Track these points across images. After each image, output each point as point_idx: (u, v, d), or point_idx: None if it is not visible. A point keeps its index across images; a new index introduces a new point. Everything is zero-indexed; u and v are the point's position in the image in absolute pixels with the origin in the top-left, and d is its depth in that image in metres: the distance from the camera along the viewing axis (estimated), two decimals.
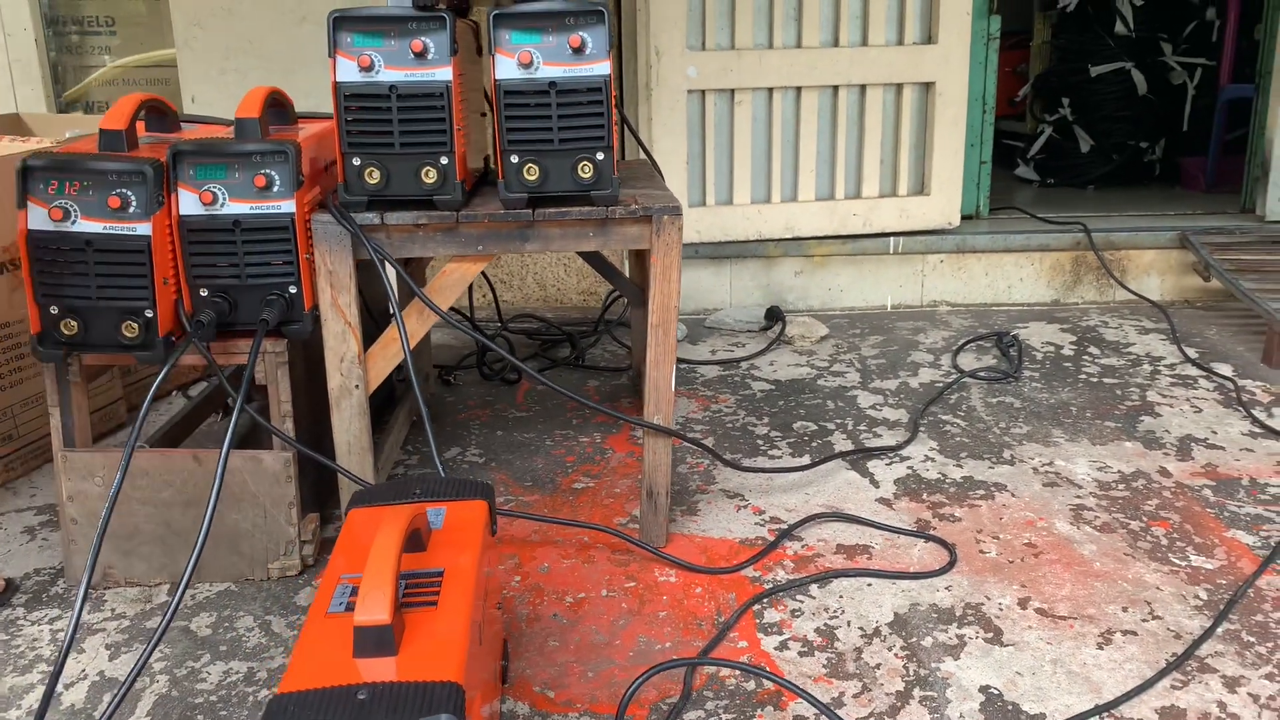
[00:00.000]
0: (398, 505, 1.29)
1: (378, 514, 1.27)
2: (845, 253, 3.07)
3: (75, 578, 1.69)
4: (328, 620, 1.09)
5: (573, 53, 1.55)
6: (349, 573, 1.16)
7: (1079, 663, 1.45)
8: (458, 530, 1.25)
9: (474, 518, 1.28)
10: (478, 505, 1.31)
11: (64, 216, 1.47)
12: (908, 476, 2.03)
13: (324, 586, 1.14)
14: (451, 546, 1.22)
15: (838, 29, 2.95)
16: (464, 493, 1.33)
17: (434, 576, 1.16)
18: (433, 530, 1.25)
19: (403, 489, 1.34)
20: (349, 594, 1.12)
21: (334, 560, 1.20)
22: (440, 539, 1.23)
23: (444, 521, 1.27)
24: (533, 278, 3.18)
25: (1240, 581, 1.63)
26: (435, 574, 1.16)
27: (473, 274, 1.67)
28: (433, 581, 1.15)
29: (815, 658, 1.47)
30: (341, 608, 1.11)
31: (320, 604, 1.12)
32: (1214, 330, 2.88)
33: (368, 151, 1.57)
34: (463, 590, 1.14)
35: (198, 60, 2.90)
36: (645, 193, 1.74)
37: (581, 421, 2.33)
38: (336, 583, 1.15)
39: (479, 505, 1.31)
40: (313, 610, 1.11)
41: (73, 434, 1.64)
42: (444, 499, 1.31)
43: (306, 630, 1.08)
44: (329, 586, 1.14)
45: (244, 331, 1.62)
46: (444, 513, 1.29)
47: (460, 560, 1.19)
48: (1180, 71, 4.31)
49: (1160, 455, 2.09)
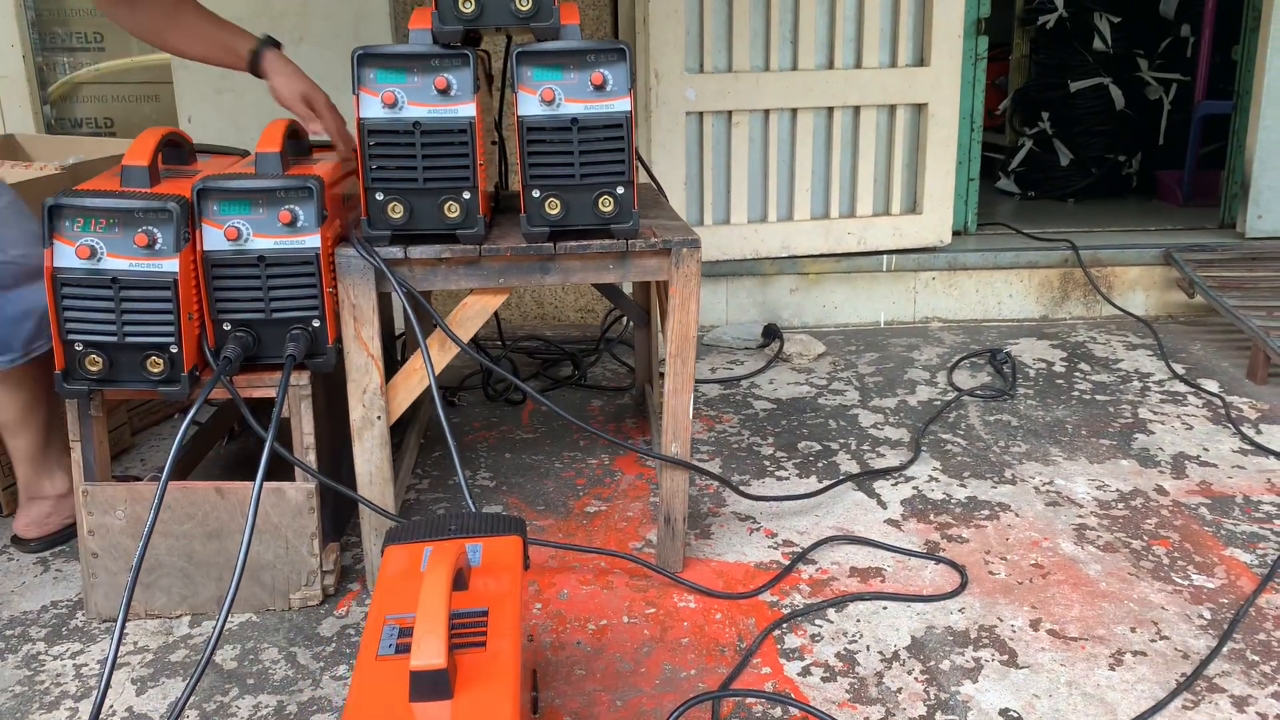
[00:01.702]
0: (437, 542, 1.30)
1: (416, 550, 1.28)
2: (840, 270, 3.12)
3: (95, 612, 1.69)
4: (379, 664, 1.10)
5: (594, 90, 1.57)
6: (394, 613, 1.18)
7: (1093, 684, 1.49)
8: (496, 567, 1.27)
9: (510, 554, 1.30)
10: (513, 541, 1.32)
11: (91, 255, 1.47)
12: (914, 497, 2.07)
13: (370, 628, 1.15)
14: (492, 584, 1.23)
15: (832, 52, 2.99)
16: (498, 528, 1.34)
17: (479, 616, 1.17)
18: (471, 568, 1.26)
19: (438, 526, 1.35)
20: (397, 635, 1.14)
21: (377, 600, 1.21)
22: (480, 576, 1.25)
23: (481, 558, 1.28)
24: (531, 297, 3.20)
25: (1241, 600, 1.69)
26: (480, 614, 1.18)
27: (494, 306, 1.69)
28: (479, 622, 1.16)
29: (838, 683, 1.51)
30: (391, 650, 1.12)
31: (369, 646, 1.13)
32: (1199, 346, 2.95)
33: (391, 186, 1.59)
34: (510, 631, 1.15)
35: (194, 81, 2.89)
36: (660, 223, 1.77)
37: (589, 443, 2.35)
38: (383, 624, 1.16)
39: (514, 541, 1.32)
40: (362, 653, 1.12)
41: (94, 468, 1.64)
42: (479, 535, 1.32)
43: (359, 674, 1.09)
44: (375, 627, 1.16)
45: (265, 365, 1.63)
46: (480, 549, 1.30)
47: (503, 599, 1.21)
48: (1156, 87, 4.41)
49: (1156, 473, 2.15)
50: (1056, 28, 4.43)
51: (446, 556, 1.14)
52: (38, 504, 1.90)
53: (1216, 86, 4.12)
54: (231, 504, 1.65)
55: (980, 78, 3.23)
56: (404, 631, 1.12)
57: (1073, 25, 4.39)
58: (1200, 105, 4.15)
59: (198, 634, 1.65)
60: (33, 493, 1.90)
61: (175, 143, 1.73)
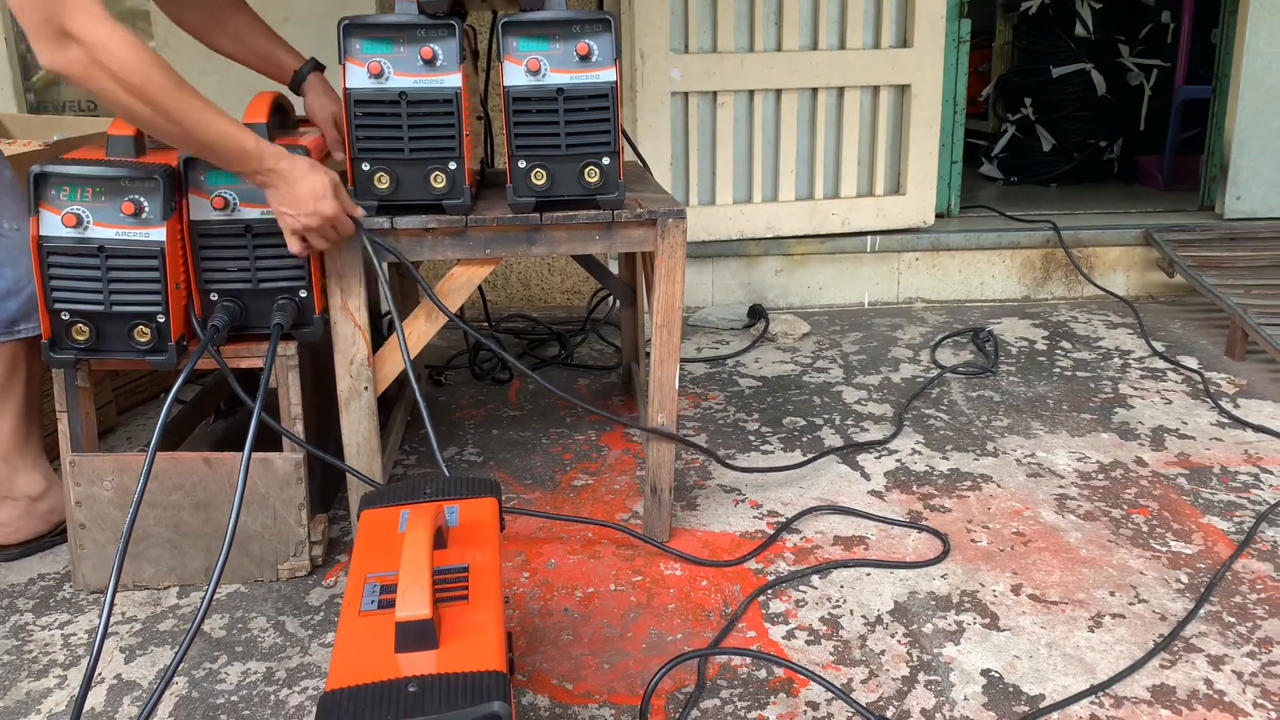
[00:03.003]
0: (415, 504, 1.31)
1: (392, 514, 1.29)
2: (824, 251, 3.14)
3: (83, 583, 1.69)
4: (363, 618, 1.12)
5: (580, 60, 1.58)
6: (375, 571, 1.19)
7: (1073, 645, 1.51)
8: (473, 527, 1.28)
9: (486, 514, 1.31)
10: (488, 502, 1.33)
11: (77, 223, 1.47)
12: (897, 469, 2.09)
13: (352, 586, 1.16)
14: (470, 543, 1.25)
15: (816, 33, 3.01)
16: (473, 491, 1.34)
17: (460, 572, 1.19)
18: (449, 528, 1.28)
19: (413, 489, 1.35)
20: (379, 592, 1.15)
21: (356, 560, 1.22)
22: (458, 536, 1.26)
23: (458, 519, 1.29)
24: (517, 278, 3.20)
25: (1218, 565, 1.72)
26: (461, 569, 1.19)
27: (480, 277, 1.70)
28: (460, 577, 1.18)
29: (822, 646, 1.53)
30: (374, 605, 1.13)
31: (351, 603, 1.14)
32: (1178, 324, 2.99)
33: (377, 157, 1.59)
34: (490, 583, 1.17)
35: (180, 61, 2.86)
36: (645, 195, 1.78)
37: (575, 419, 2.36)
38: (364, 582, 1.17)
39: (489, 502, 1.33)
40: (345, 610, 1.13)
41: (80, 439, 1.64)
42: (455, 497, 1.33)
43: (343, 629, 1.10)
44: (356, 586, 1.16)
45: (252, 335, 1.63)
46: (457, 510, 1.31)
47: (481, 555, 1.22)
48: (1137, 72, 4.45)
49: (1135, 446, 2.18)
50: (1039, 14, 4.46)
51: (426, 515, 1.16)
52: (7, 505, 1.77)
53: (1196, 72, 4.17)
54: (219, 474, 1.66)
55: (963, 60, 3.25)
56: (386, 588, 1.14)
57: (1055, 11, 4.43)
58: (1180, 90, 4.19)
59: (186, 604, 1.66)
60: (3, 491, 1.76)
61: None
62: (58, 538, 1.82)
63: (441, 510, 1.25)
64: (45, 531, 1.82)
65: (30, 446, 1.79)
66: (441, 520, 1.24)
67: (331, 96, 1.82)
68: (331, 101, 1.81)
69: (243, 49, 1.82)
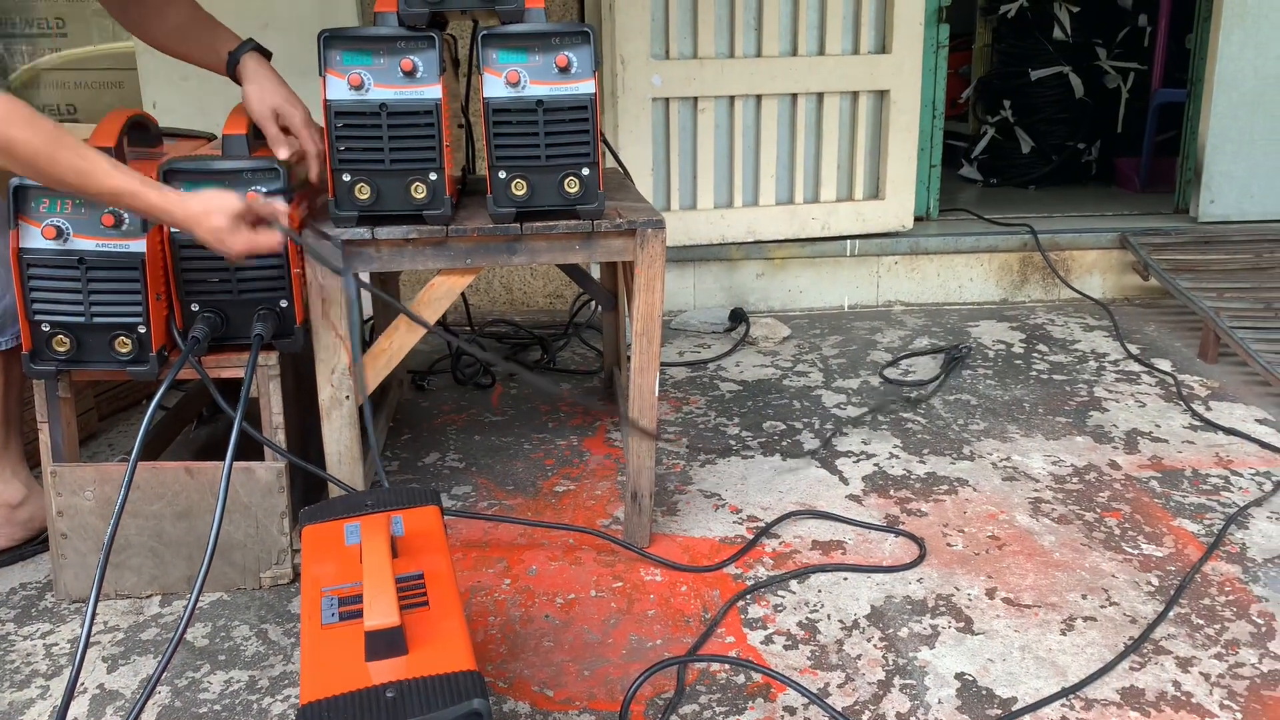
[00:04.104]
0: (360, 517, 1.31)
1: (334, 528, 1.29)
2: (805, 255, 3.16)
3: (64, 592, 1.69)
4: (326, 631, 1.11)
5: (559, 72, 1.60)
6: (329, 585, 1.19)
7: (1045, 648, 1.54)
8: (420, 536, 1.28)
9: (431, 523, 1.30)
10: (431, 510, 1.32)
11: (57, 235, 1.48)
12: (875, 474, 2.12)
13: (308, 602, 1.16)
14: (420, 551, 1.25)
15: (796, 39, 3.03)
16: (414, 500, 1.34)
17: (416, 579, 1.20)
18: (397, 538, 1.28)
19: (353, 503, 1.34)
20: (338, 604, 1.15)
21: (308, 574, 1.20)
22: (406, 545, 1.26)
23: (404, 529, 1.30)
24: (499, 282, 3.21)
25: (1188, 568, 1.75)
26: (417, 576, 1.20)
27: (461, 286, 1.71)
28: (418, 584, 1.19)
29: (799, 650, 1.55)
30: (335, 618, 1.13)
31: (311, 617, 1.14)
32: (1153, 327, 3.03)
33: (358, 168, 1.60)
34: (447, 588, 1.18)
35: (159, 67, 2.88)
36: (626, 205, 1.80)
37: (557, 425, 2.38)
38: (320, 596, 1.17)
39: (432, 510, 1.33)
40: (306, 625, 1.13)
41: (61, 449, 1.65)
42: (396, 508, 1.33)
43: (308, 643, 1.10)
44: (314, 600, 1.15)
45: (233, 345, 1.64)
46: (401, 520, 1.31)
47: (434, 562, 1.23)
48: (1114, 75, 4.50)
49: (1109, 449, 2.22)
50: (1018, 17, 4.50)
51: (380, 526, 1.17)
52: None
53: (1172, 75, 4.21)
54: (201, 484, 1.67)
55: (942, 65, 3.28)
56: (344, 600, 1.14)
57: (1033, 15, 4.47)
58: (1157, 93, 4.23)
59: (168, 613, 1.66)
60: None
61: (141, 125, 1.73)
62: (40, 545, 1.83)
63: (390, 520, 1.26)
64: (26, 538, 1.82)
65: (9, 454, 1.79)
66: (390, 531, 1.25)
67: (273, 84, 1.66)
68: (273, 91, 1.65)
69: (184, 42, 1.72)
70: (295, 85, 1.77)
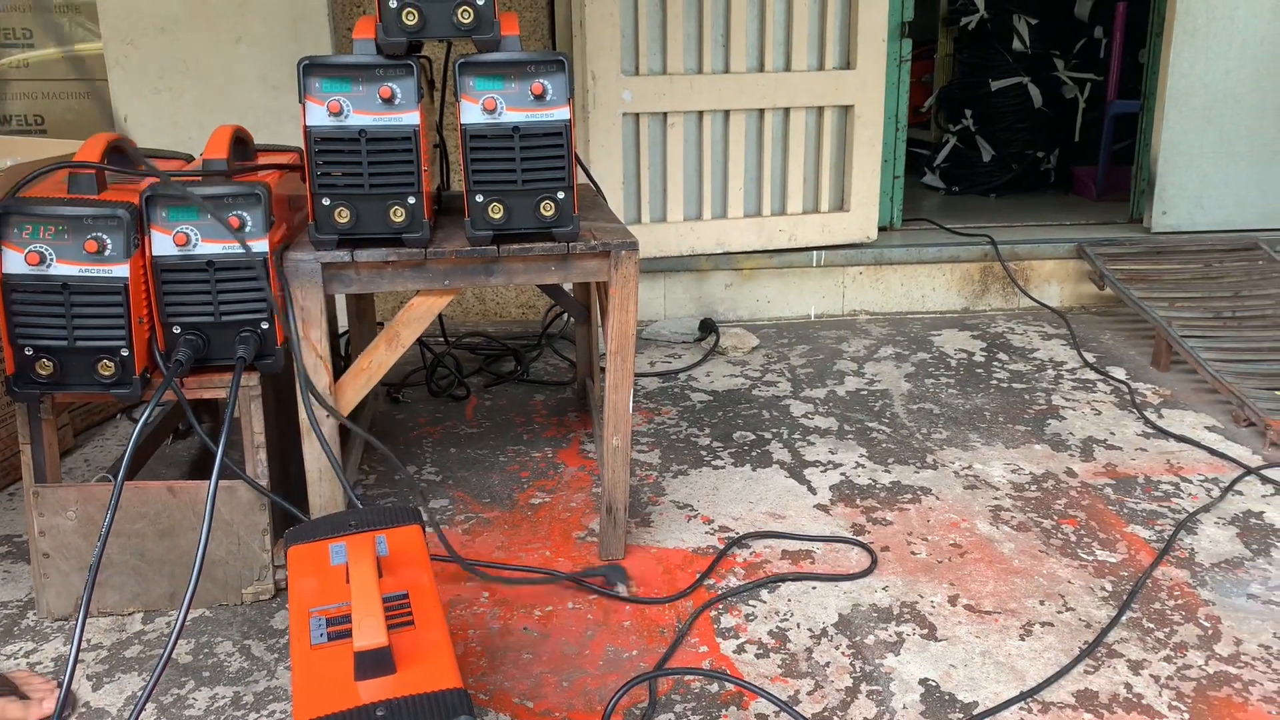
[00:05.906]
0: (344, 537, 1.33)
1: (320, 549, 1.32)
2: (772, 266, 3.23)
3: (47, 611, 1.71)
4: (316, 651, 1.15)
5: (534, 99, 1.64)
6: (316, 605, 1.22)
7: (1005, 654, 1.61)
8: (404, 554, 1.32)
9: (414, 541, 1.34)
10: (413, 529, 1.36)
11: (40, 261, 1.50)
12: (841, 483, 2.18)
13: (296, 622, 1.19)
14: (404, 570, 1.29)
15: (763, 55, 3.09)
16: (396, 520, 1.38)
17: (402, 599, 1.24)
18: (381, 557, 1.32)
19: (337, 523, 1.37)
20: (326, 625, 1.18)
21: (295, 595, 1.24)
22: (390, 564, 1.30)
23: (388, 549, 1.33)
24: (473, 294, 3.25)
25: (1140, 573, 1.83)
26: (402, 596, 1.24)
27: (440, 306, 1.75)
28: (403, 604, 1.23)
29: (770, 659, 1.61)
30: (324, 639, 1.16)
31: (300, 637, 1.17)
32: (1109, 335, 3.13)
33: (338, 193, 1.64)
34: (431, 607, 1.22)
35: (130, 79, 2.88)
36: (599, 225, 1.85)
37: (532, 437, 2.42)
38: (308, 616, 1.20)
39: (414, 529, 1.36)
40: (295, 646, 1.16)
41: (44, 469, 1.67)
42: (380, 528, 1.36)
43: (298, 664, 1.14)
44: (301, 621, 1.19)
45: (216, 367, 1.67)
46: (385, 540, 1.35)
47: (418, 580, 1.27)
48: (1072, 86, 4.61)
49: (1066, 457, 2.30)
50: (978, 28, 4.60)
51: (366, 547, 1.21)
52: None
53: (1127, 86, 4.33)
54: (183, 502, 1.69)
55: (905, 79, 3.36)
56: (332, 620, 1.18)
57: (993, 26, 4.57)
58: (1112, 104, 4.35)
59: (151, 630, 1.69)
60: None
61: (120, 149, 1.75)
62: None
63: (375, 540, 1.30)
64: None
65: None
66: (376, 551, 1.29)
67: None
68: None
69: None
70: (268, 99, 1.79)
